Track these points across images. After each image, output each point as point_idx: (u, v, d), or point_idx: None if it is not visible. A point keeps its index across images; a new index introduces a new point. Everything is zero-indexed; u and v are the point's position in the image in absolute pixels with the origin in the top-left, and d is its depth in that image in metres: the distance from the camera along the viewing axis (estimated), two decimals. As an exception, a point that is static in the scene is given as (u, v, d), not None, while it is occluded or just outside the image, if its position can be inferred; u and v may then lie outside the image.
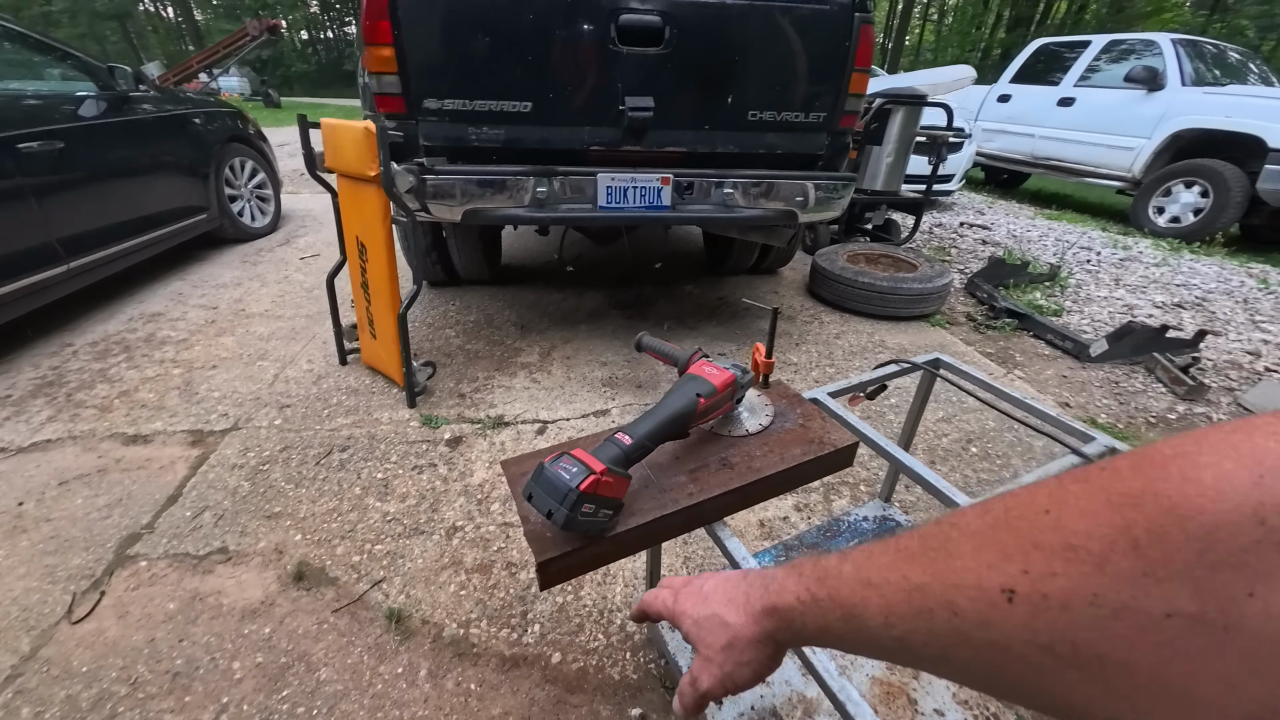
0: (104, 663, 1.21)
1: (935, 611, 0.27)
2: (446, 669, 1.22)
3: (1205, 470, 0.20)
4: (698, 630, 0.42)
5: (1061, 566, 0.22)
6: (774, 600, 0.38)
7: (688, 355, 0.88)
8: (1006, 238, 4.81)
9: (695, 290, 3.34)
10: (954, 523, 0.29)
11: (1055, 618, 0.22)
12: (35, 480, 1.72)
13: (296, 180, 5.99)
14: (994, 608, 0.24)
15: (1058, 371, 2.58)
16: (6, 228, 2.24)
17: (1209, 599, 0.19)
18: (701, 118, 2.07)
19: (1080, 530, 0.23)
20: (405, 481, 1.75)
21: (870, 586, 0.31)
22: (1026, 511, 0.25)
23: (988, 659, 0.25)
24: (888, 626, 0.29)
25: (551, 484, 0.62)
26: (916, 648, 0.29)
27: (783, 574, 0.39)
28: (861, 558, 0.33)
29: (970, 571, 0.26)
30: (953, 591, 0.26)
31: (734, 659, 0.40)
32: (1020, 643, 0.24)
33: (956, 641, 0.26)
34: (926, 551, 0.29)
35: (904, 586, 0.29)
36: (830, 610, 0.34)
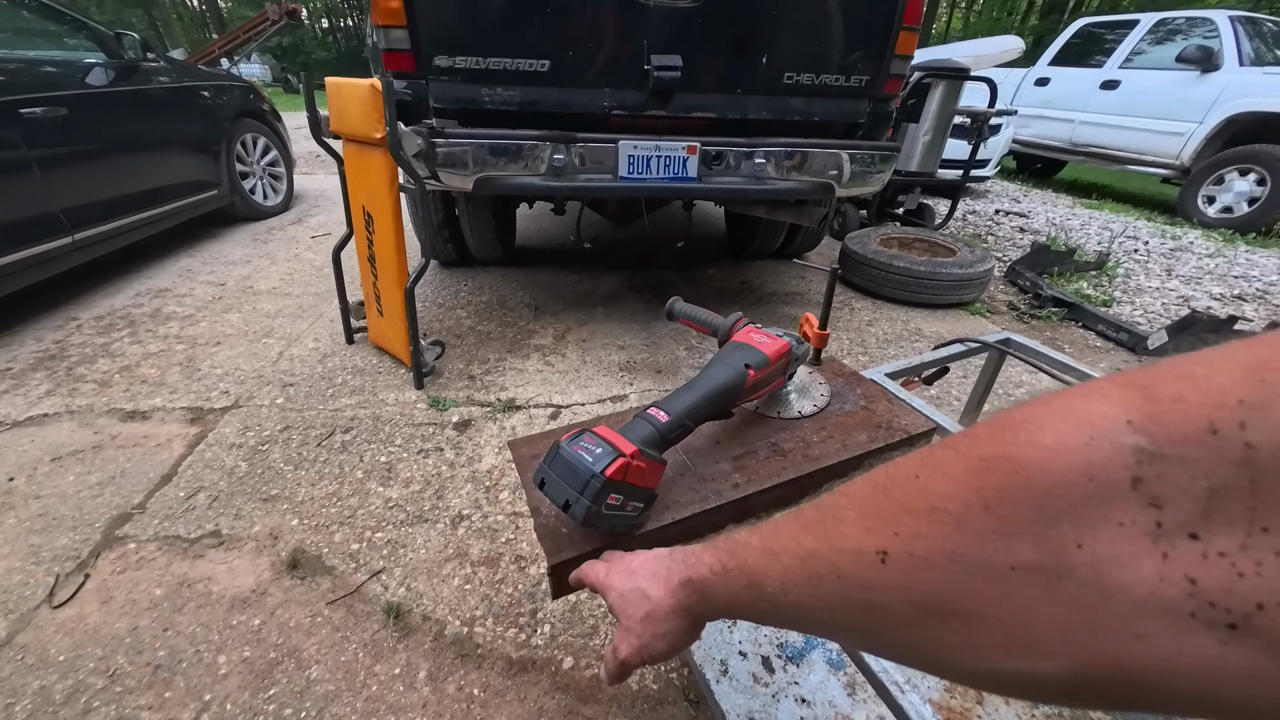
0: (82, 652, 1.12)
1: (824, 576, 0.28)
2: (448, 671, 1.11)
3: (1046, 433, 0.22)
4: (621, 602, 0.43)
5: (927, 527, 0.24)
6: (690, 573, 0.39)
7: (730, 322, 0.75)
8: (1046, 226, 4.56)
9: (717, 274, 3.19)
10: (845, 491, 0.30)
11: (921, 576, 0.24)
12: (28, 455, 1.64)
13: (312, 162, 5.94)
14: (871, 569, 0.25)
15: (1111, 364, 2.38)
16: (7, 195, 2.17)
17: (1045, 551, 0.21)
18: (733, 80, 1.91)
19: (942, 493, 0.24)
20: (410, 466, 1.64)
21: (772, 555, 0.32)
22: (901, 477, 0.26)
23: (869, 618, 0.26)
24: (784, 593, 0.30)
25: (570, 468, 0.49)
26: (810, 612, 0.30)
27: (701, 549, 0.40)
28: (769, 529, 0.34)
29: (853, 537, 0.27)
30: (838, 556, 0.27)
31: (651, 630, 0.41)
32: (894, 601, 0.25)
33: (842, 604, 0.27)
34: (820, 519, 0.30)
35: (799, 553, 0.30)
36: (738, 579, 0.34)
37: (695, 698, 1.06)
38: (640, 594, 0.42)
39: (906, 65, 2.02)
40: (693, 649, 1.03)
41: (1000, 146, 5.39)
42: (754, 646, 1.03)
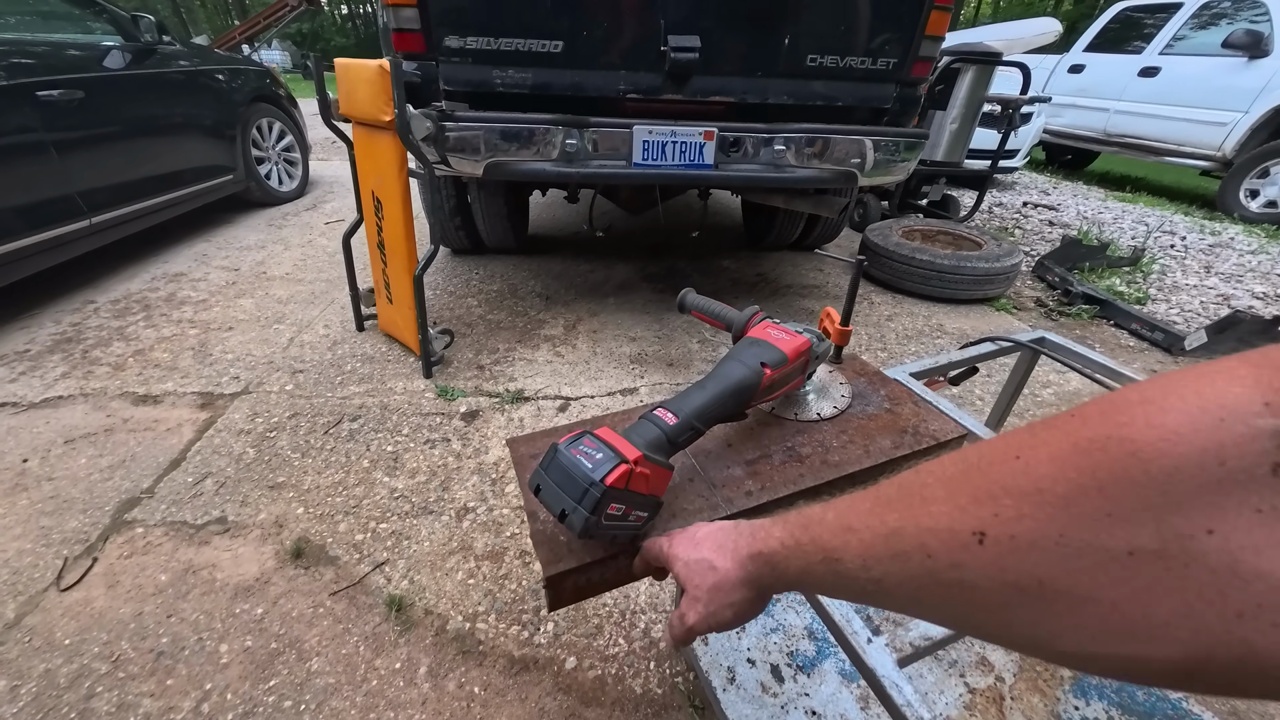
0: (88, 636, 1.12)
1: (910, 554, 0.28)
2: (449, 668, 1.09)
3: (1169, 415, 0.21)
4: (687, 571, 0.44)
5: (1030, 509, 0.23)
6: (759, 546, 0.40)
7: (746, 316, 0.70)
8: (1077, 219, 4.38)
9: (733, 265, 3.12)
10: (930, 470, 0.30)
11: (1023, 557, 0.23)
12: (42, 437, 1.65)
13: (328, 148, 5.95)
14: (964, 549, 0.25)
15: (1145, 365, 2.28)
16: (25, 178, 2.18)
17: (1170, 536, 0.20)
18: (753, 62, 1.83)
19: (1047, 475, 0.23)
20: (416, 456, 1.62)
21: (850, 531, 0.32)
22: (998, 458, 0.26)
23: (958, 598, 0.26)
24: (865, 569, 0.30)
25: (568, 475, 0.45)
26: (891, 589, 0.29)
27: (769, 523, 0.41)
28: (844, 505, 0.34)
29: (943, 515, 0.27)
30: (926, 535, 0.27)
31: (719, 600, 0.42)
32: (989, 581, 0.25)
33: (928, 582, 0.27)
34: (903, 497, 0.30)
35: (881, 531, 0.30)
36: (812, 554, 0.35)
37: (700, 704, 1.03)
38: (707, 564, 0.42)
39: (937, 47, 1.92)
40: (699, 654, 0.99)
41: (1031, 136, 5.19)
42: (763, 654, 0.99)
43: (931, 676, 0.96)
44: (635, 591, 1.24)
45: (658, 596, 1.24)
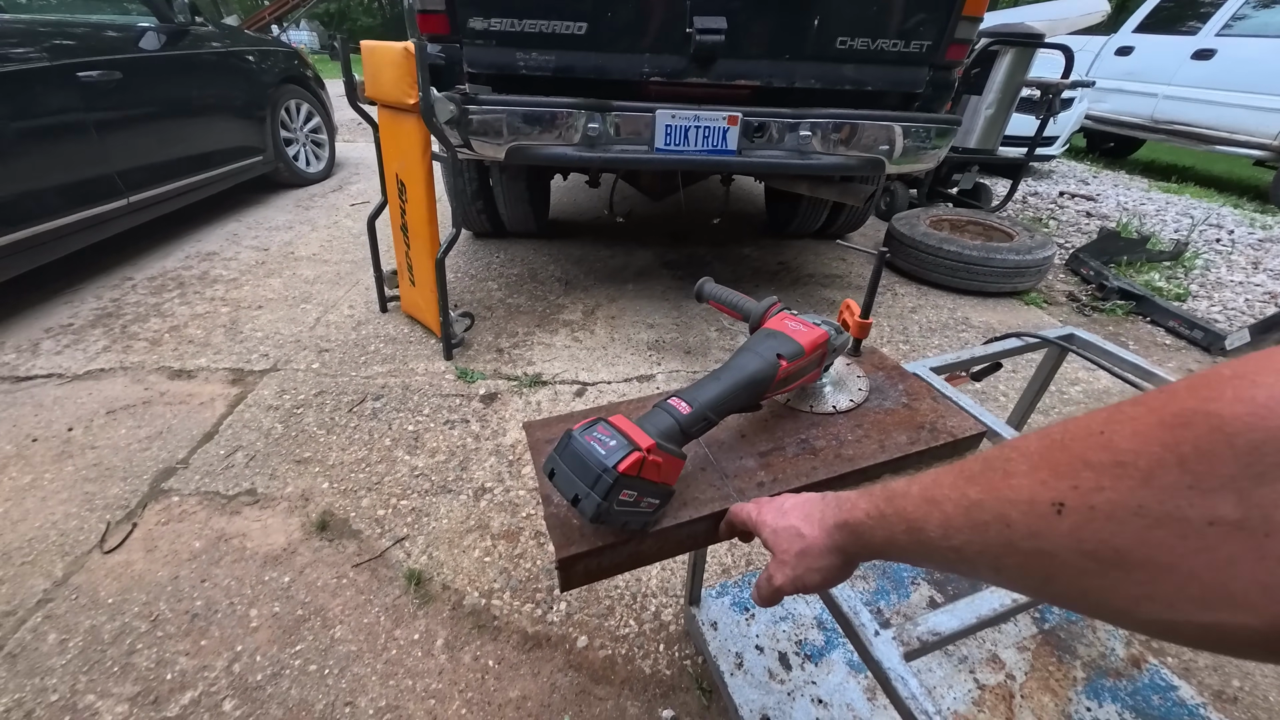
0: (129, 596, 1.19)
1: (990, 524, 0.29)
2: (464, 641, 1.12)
3: (1259, 390, 0.21)
4: (775, 538, 0.47)
5: (1109, 481, 0.24)
6: (845, 516, 0.42)
7: (763, 307, 0.69)
8: (1116, 210, 4.21)
9: (754, 253, 3.08)
10: (1015, 445, 0.31)
11: (1100, 527, 0.24)
12: (86, 407, 1.74)
13: (354, 129, 6.00)
14: (1043, 519, 0.26)
15: (1181, 364, 2.20)
16: (68, 158, 2.26)
17: (1252, 508, 0.21)
18: (781, 44, 1.78)
19: (1130, 449, 0.24)
20: (436, 436, 1.66)
21: (933, 503, 0.34)
22: (1081, 433, 0.27)
23: (1036, 565, 0.28)
24: (946, 538, 0.32)
25: (581, 461, 0.46)
26: (971, 557, 0.31)
27: (855, 495, 0.43)
28: (928, 479, 0.36)
29: (1024, 488, 0.28)
30: (1006, 506, 0.29)
31: (806, 564, 0.44)
32: (1066, 550, 0.26)
33: (1007, 551, 0.29)
34: (986, 472, 0.31)
35: (962, 503, 0.31)
36: (896, 524, 0.37)
37: (708, 687, 1.05)
38: (794, 532, 0.45)
39: (974, 29, 1.84)
40: (708, 640, 1.01)
41: (1071, 123, 4.98)
42: (772, 642, 1.01)
43: (940, 671, 0.96)
44: (646, 575, 1.26)
45: (669, 581, 1.25)
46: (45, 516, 1.36)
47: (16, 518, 1.35)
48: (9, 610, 1.15)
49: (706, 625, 1.04)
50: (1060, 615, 1.04)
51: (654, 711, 1.02)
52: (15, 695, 1.01)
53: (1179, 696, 0.92)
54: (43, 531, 1.32)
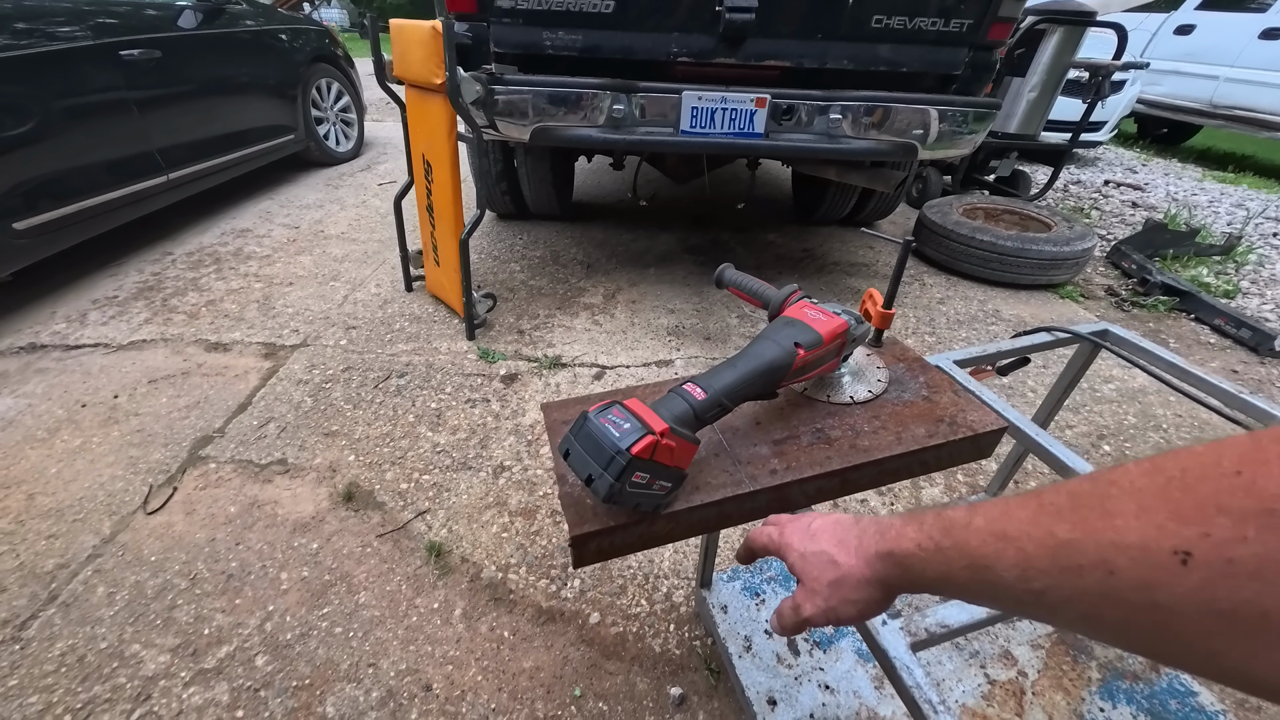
0: (170, 555, 1.26)
1: (1086, 569, 0.26)
2: (481, 612, 1.16)
3: None
4: (803, 564, 0.44)
5: (1255, 533, 0.21)
6: (890, 546, 0.38)
7: (783, 294, 0.69)
8: (1165, 201, 4.00)
9: (778, 239, 3.03)
10: (1113, 480, 0.27)
11: (1241, 585, 0.21)
12: (129, 376, 1.82)
13: (382, 109, 6.05)
14: (1161, 570, 0.23)
15: (1225, 364, 2.10)
16: (111, 135, 2.33)
17: None
18: (813, 23, 1.73)
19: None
20: (457, 414, 1.69)
21: (1005, 539, 0.30)
22: (1210, 472, 0.23)
23: (1145, 621, 0.24)
24: (1024, 580, 0.29)
25: (595, 442, 0.47)
26: (1057, 605, 0.28)
27: (900, 522, 0.39)
28: (995, 511, 0.32)
29: (1133, 531, 0.24)
30: (1110, 550, 0.25)
31: (840, 595, 0.41)
32: (1190, 607, 0.22)
33: (1107, 601, 0.25)
34: (1078, 509, 0.27)
35: (1048, 542, 0.28)
36: (955, 560, 0.33)
37: (717, 668, 1.07)
38: (827, 559, 0.42)
39: (1019, 6, 1.76)
40: (718, 622, 1.02)
41: (1121, 107, 4.72)
42: (781, 627, 1.01)
43: (951, 664, 0.96)
44: (659, 557, 1.28)
45: (681, 564, 1.27)
46: (94, 478, 1.45)
47: (69, 478, 1.44)
48: (63, 563, 1.23)
49: (717, 608, 1.06)
50: (1078, 615, 1.03)
51: (662, 688, 1.04)
52: (69, 641, 1.08)
53: (1198, 703, 0.90)
54: (91, 491, 1.40)
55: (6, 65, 1.93)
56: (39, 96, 2.04)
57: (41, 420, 1.62)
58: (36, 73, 2.03)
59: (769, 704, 0.91)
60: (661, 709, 1.01)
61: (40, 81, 2.04)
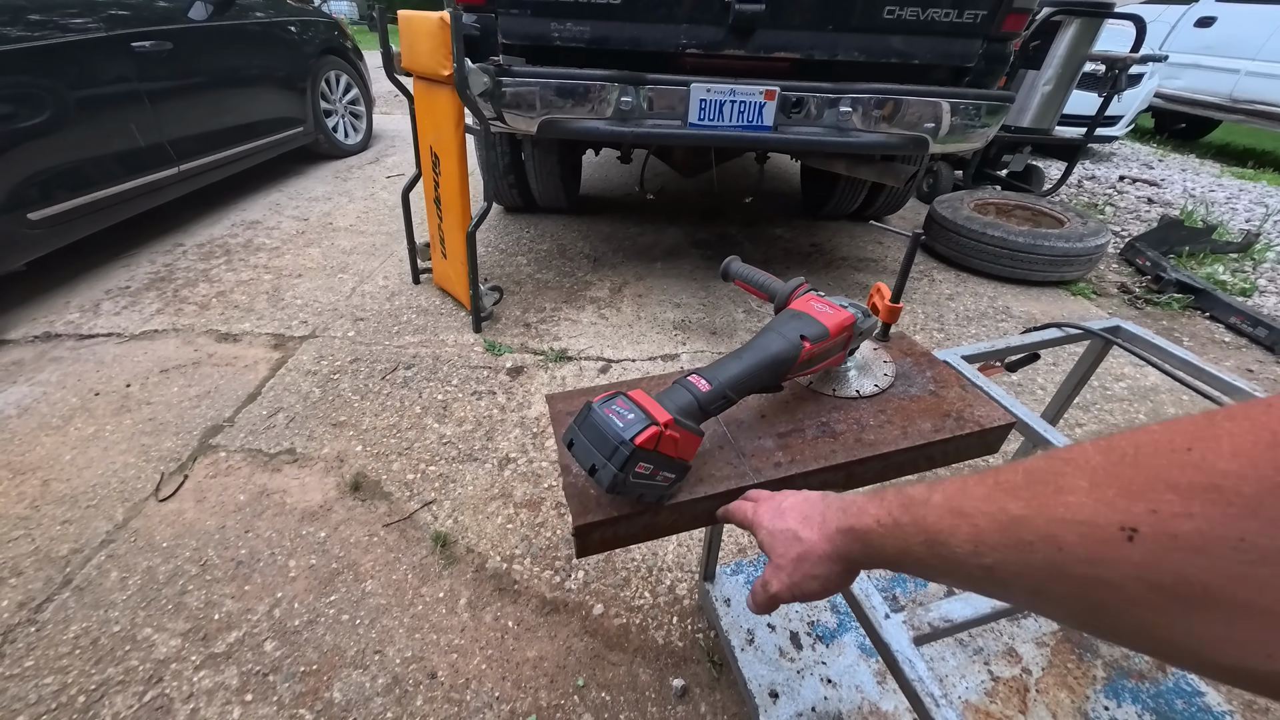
0: (181, 541, 1.28)
1: (1035, 545, 0.26)
2: (486, 602, 1.17)
3: None
4: (771, 540, 0.45)
5: (1200, 508, 0.21)
6: (851, 522, 0.39)
7: (790, 287, 0.68)
8: (1181, 197, 3.94)
9: (786, 234, 3.01)
10: (1067, 458, 0.27)
11: (1184, 559, 0.21)
12: (141, 366, 1.85)
13: (391, 101, 6.06)
14: (1106, 545, 0.23)
15: (1240, 364, 2.07)
16: (125, 126, 2.35)
17: None
18: (824, 13, 1.71)
19: (1230, 471, 0.21)
20: (464, 406, 1.70)
21: (961, 516, 0.30)
22: (1162, 449, 0.23)
23: (1088, 595, 0.25)
24: (976, 555, 0.29)
25: (599, 433, 0.47)
26: (1007, 579, 0.28)
27: (863, 499, 0.39)
28: (953, 489, 0.32)
29: (1083, 507, 0.25)
30: (1058, 526, 0.25)
31: (804, 571, 0.42)
32: (1133, 582, 0.23)
33: (1053, 576, 0.26)
34: (1031, 485, 0.28)
35: (1000, 518, 0.28)
36: (913, 535, 0.34)
37: (719, 660, 1.07)
38: (792, 535, 0.43)
39: (1035, -2, 1.73)
40: (721, 615, 1.02)
41: (1138, 101, 4.64)
42: (784, 621, 1.02)
43: (954, 660, 0.96)
44: (663, 549, 1.29)
45: (684, 557, 1.28)
46: (107, 465, 1.47)
47: (82, 465, 1.46)
48: (77, 548, 1.25)
49: (720, 601, 1.06)
50: (1084, 614, 1.02)
51: (665, 679, 1.05)
52: (83, 624, 1.10)
53: (1205, 703, 0.89)
54: (105, 478, 1.43)
55: (21, 56, 1.95)
56: (53, 88, 2.06)
57: (56, 408, 1.64)
58: (50, 64, 2.05)
59: (771, 697, 0.91)
60: (664, 700, 1.02)
61: (54, 73, 2.06)
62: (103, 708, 0.98)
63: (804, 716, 0.89)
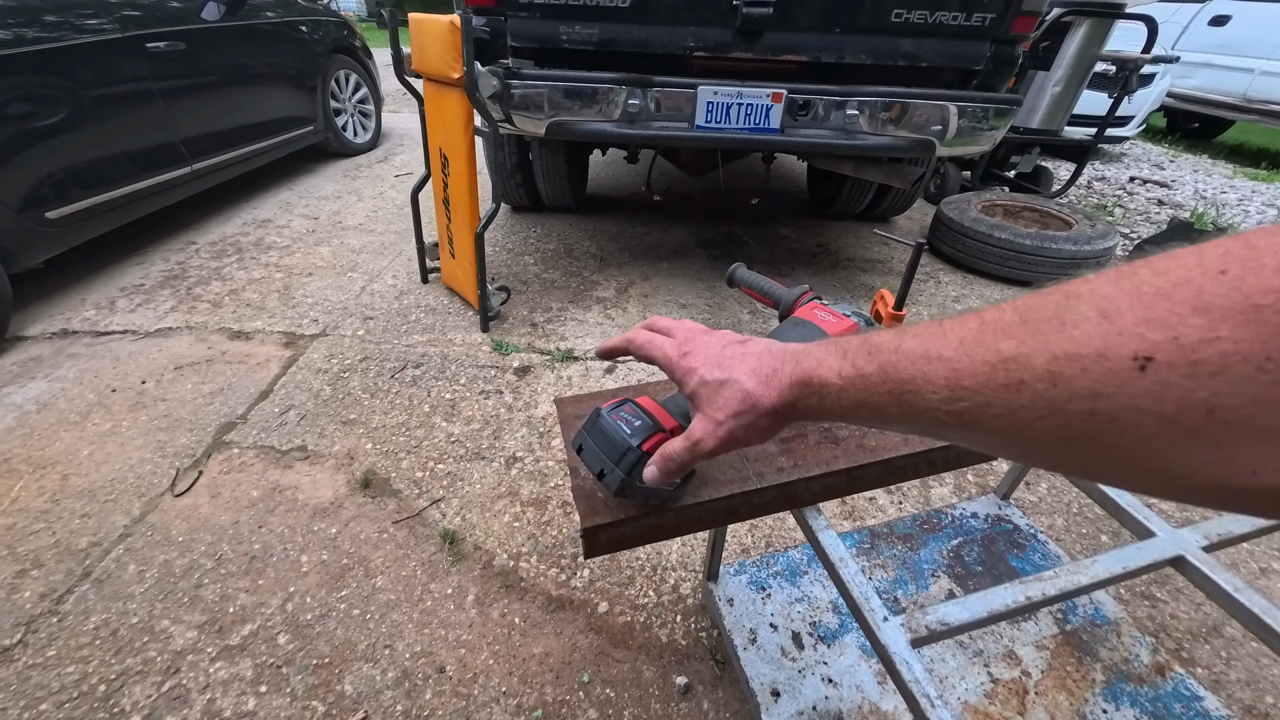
0: (196, 536, 1.31)
1: (1026, 384, 0.25)
2: (493, 598, 1.20)
3: None
4: (705, 391, 0.41)
5: (1230, 330, 0.19)
6: (808, 374, 0.36)
7: (794, 295, 0.70)
8: (1193, 199, 3.90)
9: (792, 234, 3.01)
10: (1073, 291, 0.25)
11: (1198, 385, 0.20)
12: (156, 363, 1.88)
13: (399, 99, 6.08)
14: (1113, 377, 0.22)
15: (1248, 368, 2.06)
16: (139, 126, 2.39)
17: None
18: (831, 16, 1.71)
19: (1273, 288, 0.19)
20: (471, 405, 1.73)
21: (937, 360, 0.28)
22: (1191, 275, 0.21)
23: (1076, 429, 0.23)
24: (950, 401, 0.27)
25: (608, 438, 0.49)
26: (981, 422, 0.27)
27: (819, 349, 0.37)
28: (928, 333, 0.30)
29: (1091, 339, 0.23)
30: (1060, 362, 0.23)
31: (743, 423, 0.40)
32: (1135, 413, 0.21)
33: (1041, 415, 0.24)
34: (1028, 323, 0.26)
35: (988, 359, 0.26)
36: (877, 385, 0.31)
37: (722, 659, 1.09)
38: (735, 387, 0.40)
39: (1044, 0, 1.72)
40: (724, 614, 1.04)
41: (1149, 101, 4.60)
42: (786, 621, 1.03)
43: (954, 662, 0.97)
44: (667, 550, 1.31)
45: (688, 557, 1.29)
46: (124, 460, 1.50)
47: (100, 460, 1.49)
48: (96, 541, 1.28)
49: (723, 600, 1.07)
50: (1084, 617, 1.03)
51: (668, 677, 1.07)
52: (103, 615, 1.13)
53: (1204, 707, 0.90)
54: (122, 473, 1.46)
55: (39, 58, 1.99)
56: (70, 89, 2.09)
57: (74, 404, 1.68)
58: (67, 66, 2.08)
59: (772, 695, 0.92)
60: (667, 697, 1.04)
61: (71, 74, 2.09)
62: (123, 696, 1.01)
63: (805, 715, 0.91)
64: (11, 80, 1.92)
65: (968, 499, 1.29)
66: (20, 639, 1.09)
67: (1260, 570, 1.31)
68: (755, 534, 1.35)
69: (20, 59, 1.93)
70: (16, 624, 1.11)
